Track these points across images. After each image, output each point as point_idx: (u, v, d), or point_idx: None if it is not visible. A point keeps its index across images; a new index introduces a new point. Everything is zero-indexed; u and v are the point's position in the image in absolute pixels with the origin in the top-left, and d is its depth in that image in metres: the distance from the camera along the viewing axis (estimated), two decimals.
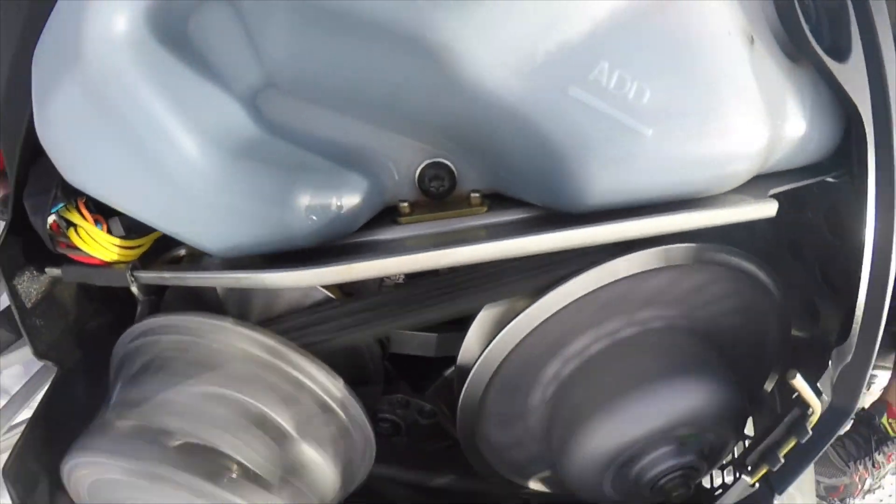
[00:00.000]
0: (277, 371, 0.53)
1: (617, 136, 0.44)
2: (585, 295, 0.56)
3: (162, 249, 0.58)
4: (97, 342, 0.64)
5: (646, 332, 0.60)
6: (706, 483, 0.69)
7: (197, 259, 0.59)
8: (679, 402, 0.58)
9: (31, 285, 0.61)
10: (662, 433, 0.58)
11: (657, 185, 0.47)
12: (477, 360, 0.60)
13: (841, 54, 0.50)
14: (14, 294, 0.59)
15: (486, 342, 0.62)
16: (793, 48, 0.49)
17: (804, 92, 0.50)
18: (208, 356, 0.54)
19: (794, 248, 0.63)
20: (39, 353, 0.59)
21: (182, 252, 0.60)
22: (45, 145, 0.48)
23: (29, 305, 0.60)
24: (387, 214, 0.53)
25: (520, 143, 0.45)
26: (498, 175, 0.51)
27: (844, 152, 0.54)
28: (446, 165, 0.51)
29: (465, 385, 0.62)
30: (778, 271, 0.60)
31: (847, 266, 0.55)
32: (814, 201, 0.60)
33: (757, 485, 0.57)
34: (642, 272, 0.55)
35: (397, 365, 0.72)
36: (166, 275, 0.55)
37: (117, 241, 0.55)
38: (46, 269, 0.59)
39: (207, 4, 0.45)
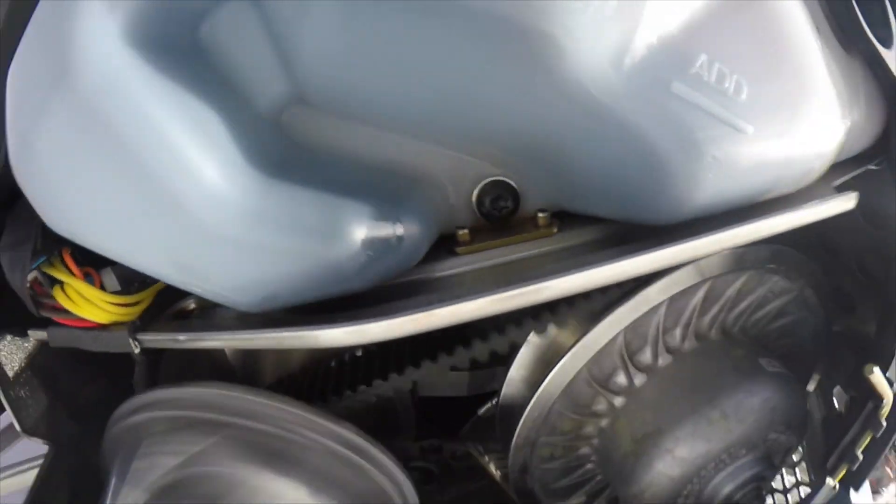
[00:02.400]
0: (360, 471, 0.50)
1: (721, 136, 0.40)
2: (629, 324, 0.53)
3: (164, 303, 0.50)
4: (95, 412, 0.56)
5: (702, 345, 0.57)
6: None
7: (208, 313, 0.50)
8: (750, 410, 0.55)
9: (13, 352, 0.52)
10: (735, 446, 0.55)
11: (750, 187, 0.43)
12: (532, 399, 0.55)
13: (884, 43, 0.49)
14: None
15: (530, 377, 0.59)
16: (843, 38, 0.48)
17: (858, 82, 0.49)
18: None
19: (827, 240, 0.63)
20: (27, 430, 0.52)
21: (191, 304, 0.51)
22: (23, 184, 0.39)
23: (11, 375, 0.51)
24: (440, 245, 0.46)
25: (607, 151, 0.40)
26: (565, 190, 0.45)
27: (882, 140, 0.54)
28: (508, 184, 0.45)
29: (521, 424, 0.57)
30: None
31: (887, 255, 0.55)
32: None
33: (837, 486, 0.55)
34: (681, 291, 0.53)
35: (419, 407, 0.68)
36: (181, 336, 0.45)
37: (113, 298, 0.46)
38: (30, 333, 0.49)
39: (223, 5, 0.36)
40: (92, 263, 0.46)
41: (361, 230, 0.38)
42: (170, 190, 0.36)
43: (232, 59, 0.38)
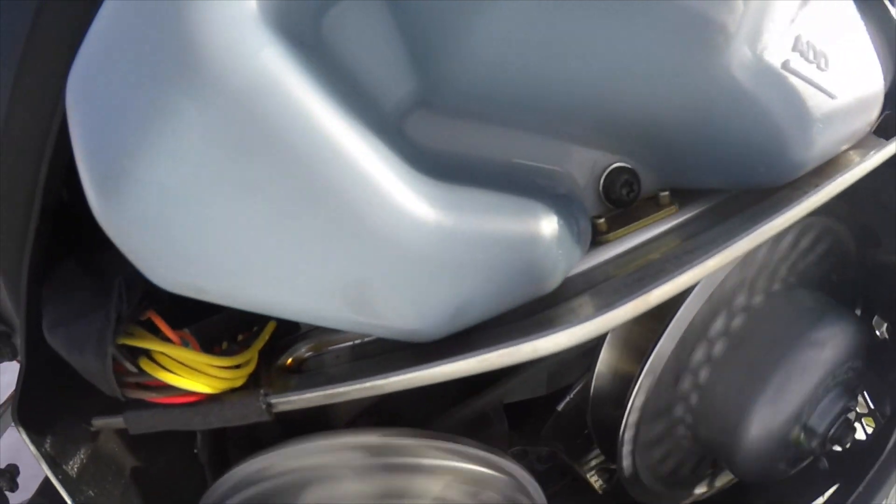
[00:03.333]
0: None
1: (820, 102, 0.45)
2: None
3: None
4: (169, 491, 0.51)
5: (769, 298, 0.62)
6: None
7: (321, 358, 0.47)
8: (832, 345, 0.61)
9: (71, 446, 0.45)
10: (825, 381, 0.61)
11: (838, 142, 0.49)
12: (636, 386, 0.58)
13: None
14: (52, 465, 0.43)
15: (615, 363, 0.62)
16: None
17: (873, 36, 0.56)
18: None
19: None
20: None
21: (304, 352, 0.47)
22: (120, 229, 0.32)
23: (74, 474, 0.44)
24: None
25: (736, 128, 0.44)
26: (681, 168, 0.48)
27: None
28: (630, 169, 0.48)
29: (628, 409, 0.59)
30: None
31: None
32: None
33: None
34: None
35: None
36: (343, 388, 0.39)
37: (222, 360, 0.42)
38: (95, 423, 0.44)
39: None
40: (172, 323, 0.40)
41: (553, 226, 0.38)
42: (352, 207, 0.31)
43: (353, 58, 0.34)
